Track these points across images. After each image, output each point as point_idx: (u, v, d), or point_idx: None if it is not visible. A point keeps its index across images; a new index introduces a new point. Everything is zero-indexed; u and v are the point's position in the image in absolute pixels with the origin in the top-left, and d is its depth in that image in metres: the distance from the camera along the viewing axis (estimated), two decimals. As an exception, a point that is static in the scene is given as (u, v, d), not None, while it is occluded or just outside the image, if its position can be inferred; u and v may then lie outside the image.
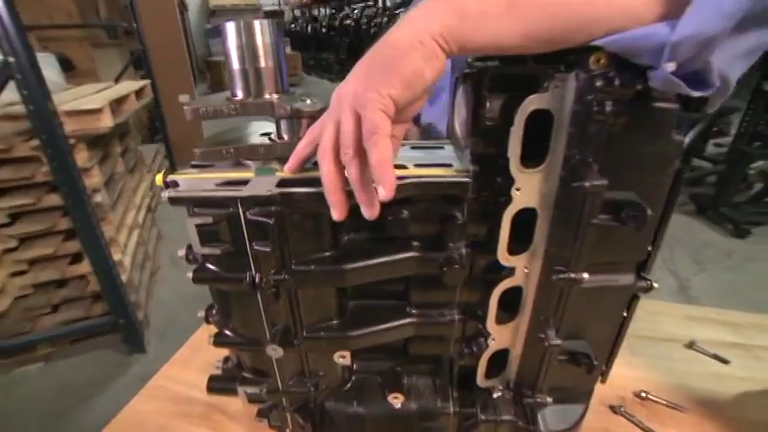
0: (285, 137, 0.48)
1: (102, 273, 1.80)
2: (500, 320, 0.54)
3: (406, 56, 0.35)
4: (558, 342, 0.51)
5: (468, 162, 0.46)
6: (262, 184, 0.44)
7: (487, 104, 0.41)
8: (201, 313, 0.57)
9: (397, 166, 0.48)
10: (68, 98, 1.90)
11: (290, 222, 0.45)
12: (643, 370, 0.82)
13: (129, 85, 2.32)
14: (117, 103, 2.00)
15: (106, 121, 1.77)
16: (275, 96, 0.47)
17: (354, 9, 5.82)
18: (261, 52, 0.45)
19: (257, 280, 0.46)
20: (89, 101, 1.82)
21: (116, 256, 1.91)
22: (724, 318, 0.97)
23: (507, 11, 0.34)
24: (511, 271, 0.50)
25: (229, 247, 0.45)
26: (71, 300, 1.93)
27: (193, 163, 0.52)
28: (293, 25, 9.62)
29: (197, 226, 0.44)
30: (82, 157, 1.75)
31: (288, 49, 8.63)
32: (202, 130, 4.13)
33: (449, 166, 0.49)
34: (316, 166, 0.46)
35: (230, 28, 0.44)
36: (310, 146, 0.44)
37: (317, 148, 0.45)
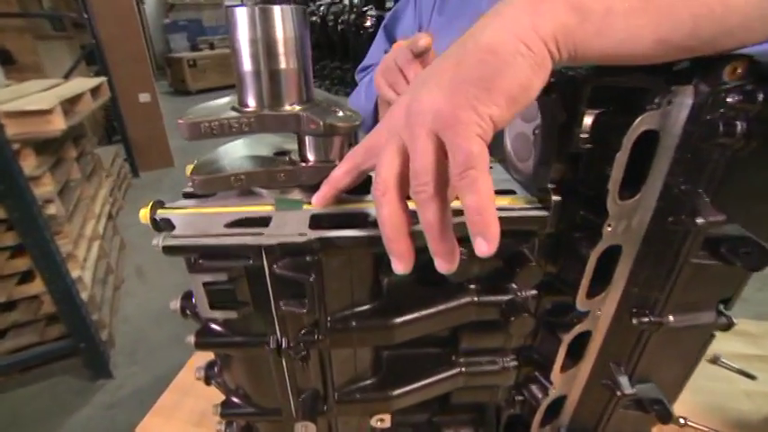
0: (311, 158, 0.38)
1: (58, 292, 1.61)
2: (561, 368, 0.46)
3: (511, 64, 0.26)
4: (633, 391, 0.44)
5: (540, 188, 0.38)
6: (289, 223, 0.34)
7: (584, 123, 0.32)
8: (201, 373, 0.45)
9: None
10: (9, 96, 1.68)
11: (328, 272, 0.34)
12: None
13: (82, 83, 2.10)
14: (70, 103, 1.80)
15: (57, 124, 1.58)
16: (298, 107, 0.36)
17: (320, 5, 5.61)
18: (282, 49, 0.34)
19: (284, 345, 0.36)
20: (36, 100, 1.61)
21: (74, 273, 1.72)
22: (738, 327, 0.95)
23: (642, 7, 0.26)
24: (582, 315, 0.42)
25: (249, 309, 0.34)
26: (21, 324, 1.71)
27: (186, 191, 0.41)
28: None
29: (206, 285, 0.32)
30: (29, 163, 1.54)
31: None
32: (166, 132, 3.89)
33: (511, 193, 0.41)
34: (350, 194, 0.36)
35: (240, 15, 0.33)
36: (351, 174, 0.34)
37: (358, 176, 0.35)
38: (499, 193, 0.40)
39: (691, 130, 0.31)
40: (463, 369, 0.47)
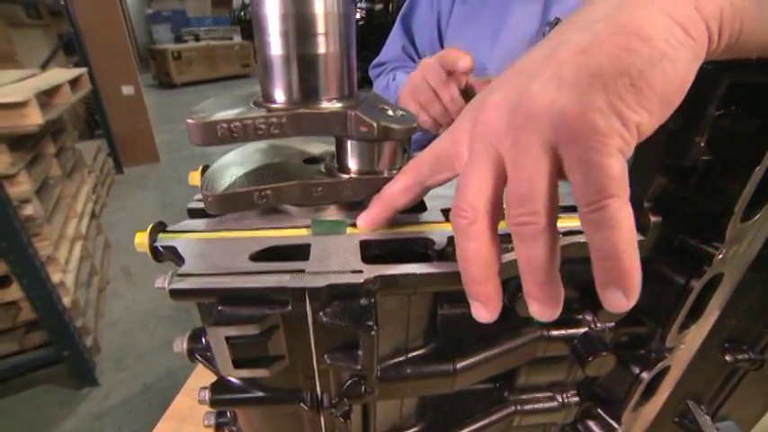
0: (354, 168, 0.30)
1: (38, 298, 1.51)
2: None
3: (668, 54, 0.19)
4: (715, 433, 0.39)
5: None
6: (334, 254, 0.27)
7: (708, 130, 0.26)
8: (211, 420, 0.38)
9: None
10: (-19, 88, 1.55)
11: (382, 315, 0.27)
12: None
13: (61, 74, 1.97)
14: (47, 96, 1.67)
15: (34, 118, 1.46)
16: (339, 104, 0.29)
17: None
18: (321, 28, 0.26)
19: (324, 402, 0.29)
20: (9, 92, 1.49)
21: (55, 277, 1.61)
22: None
23: None
24: (667, 350, 0.36)
25: (284, 364, 0.27)
26: (-2, 332, 1.61)
27: (192, 207, 0.33)
28: (243, 13, 8.98)
29: (231, 340, 0.25)
30: (3, 161, 1.43)
31: (238, 39, 8.09)
32: (151, 126, 3.74)
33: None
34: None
35: None
36: (412, 192, 0.27)
37: (421, 193, 0.28)
38: (575, 209, 0.34)
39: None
40: (518, 407, 0.40)
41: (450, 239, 0.28)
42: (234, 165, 0.34)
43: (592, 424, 0.44)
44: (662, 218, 0.30)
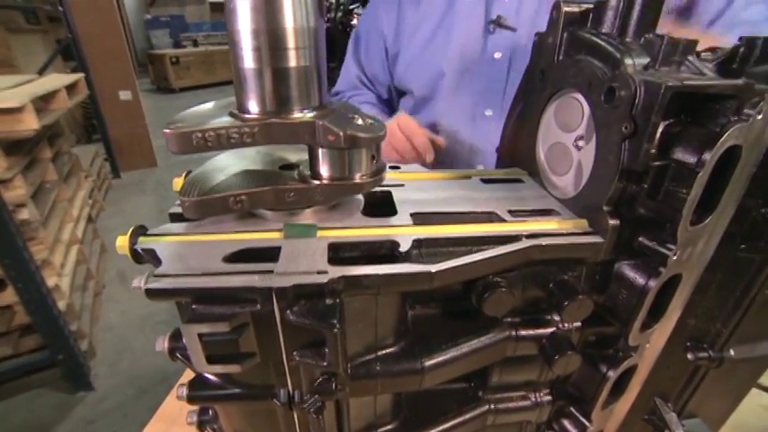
0: (326, 174, 0.32)
1: (32, 302, 1.51)
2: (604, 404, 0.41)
3: None
4: (682, 430, 0.40)
5: (584, 210, 0.33)
6: (302, 255, 0.28)
7: (657, 137, 0.27)
8: (193, 418, 0.39)
9: (488, 215, 0.34)
10: (-22, 93, 1.56)
11: (349, 313, 0.28)
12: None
13: (58, 79, 1.98)
14: (44, 101, 1.69)
15: (30, 123, 1.47)
16: (310, 114, 0.30)
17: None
18: (291, 42, 0.28)
19: (296, 398, 0.30)
20: (5, 97, 1.50)
21: (51, 281, 1.62)
22: None
23: None
24: (632, 349, 0.37)
25: (255, 361, 0.28)
26: (-8, 336, 1.61)
27: (174, 212, 0.35)
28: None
29: (202, 336, 0.26)
30: (-1, 165, 1.44)
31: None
32: (148, 131, 3.75)
33: (551, 213, 0.35)
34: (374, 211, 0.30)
35: (241, 3, 0.27)
36: None
37: None
38: (539, 213, 0.35)
39: (776, 145, 0.27)
40: (492, 406, 0.42)
41: (415, 242, 0.29)
42: (214, 171, 0.35)
43: (566, 422, 0.45)
44: (620, 221, 0.31)
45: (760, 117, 0.26)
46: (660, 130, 0.28)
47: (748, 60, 0.28)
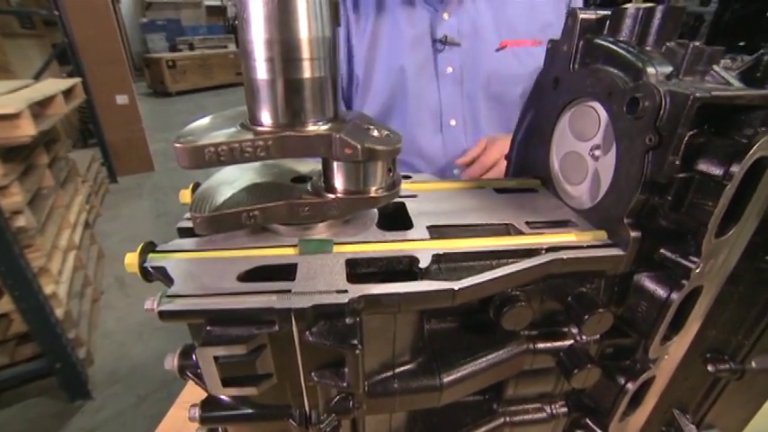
0: (341, 188, 0.31)
1: (29, 310, 1.50)
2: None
3: None
4: (701, 443, 0.39)
5: (602, 221, 0.32)
6: (320, 273, 0.27)
7: (682, 148, 0.26)
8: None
9: (505, 228, 0.33)
10: (-27, 99, 1.55)
11: (368, 332, 0.28)
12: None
13: (54, 84, 1.96)
14: (40, 107, 1.67)
15: (26, 129, 1.46)
16: (325, 126, 0.29)
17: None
18: (306, 53, 0.27)
19: (312, 419, 0.29)
20: (2, 103, 1.49)
21: (48, 288, 1.60)
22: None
23: None
24: (651, 361, 0.36)
25: (272, 382, 0.27)
26: (-11, 345, 1.59)
27: (182, 226, 0.34)
28: (237, 22, 9.01)
29: (219, 359, 0.25)
30: (-5, 172, 1.42)
31: (233, 47, 8.11)
32: (145, 135, 3.73)
33: (570, 224, 0.35)
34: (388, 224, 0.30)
35: (255, 6, 0.26)
36: None
37: None
38: (556, 225, 0.34)
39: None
40: (508, 419, 0.41)
41: (435, 257, 0.29)
42: (223, 184, 0.35)
43: (581, 434, 0.44)
44: (641, 233, 0.31)
45: (787, 127, 0.25)
46: (685, 140, 0.28)
47: (772, 69, 0.28)
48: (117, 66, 3.42)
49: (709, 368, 0.36)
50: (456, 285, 0.26)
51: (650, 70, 0.29)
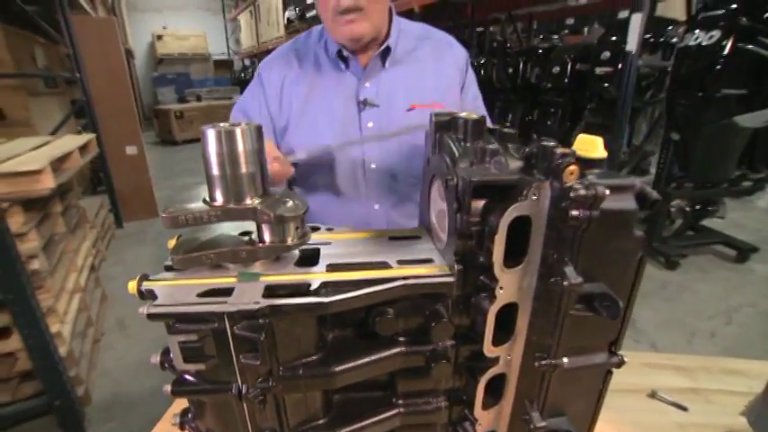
0: (267, 239, 0.48)
1: (36, 348, 1.61)
2: (485, 406, 0.54)
3: None
4: (544, 424, 0.53)
5: (449, 258, 0.48)
6: (247, 293, 0.43)
7: (471, 212, 0.43)
8: (177, 419, 0.52)
9: (381, 264, 0.49)
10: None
11: (279, 331, 0.43)
12: (615, 425, 0.85)
13: (72, 141, 2.20)
14: (59, 161, 1.88)
15: (47, 183, 1.65)
16: (256, 201, 0.47)
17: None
18: (242, 159, 0.45)
19: (244, 391, 0.44)
20: (26, 161, 1.69)
21: (54, 327, 1.72)
22: (676, 363, 1.04)
23: None
24: (494, 359, 0.51)
25: (214, 361, 0.43)
26: (-7, 383, 1.69)
27: (167, 264, 0.50)
28: (243, 74, 9.64)
29: (180, 343, 0.41)
30: (16, 221, 1.60)
31: (237, 98, 8.60)
32: (151, 183, 3.96)
33: (429, 261, 0.51)
34: (304, 263, 0.45)
35: (210, 135, 0.44)
36: None
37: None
38: (420, 262, 0.50)
39: (553, 215, 0.43)
40: (401, 409, 0.55)
41: (323, 284, 0.45)
42: (195, 236, 0.51)
43: (466, 424, 0.58)
44: (463, 266, 0.46)
45: (535, 198, 0.42)
46: (481, 205, 0.44)
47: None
48: (128, 119, 3.70)
49: (536, 364, 0.50)
50: (326, 299, 0.41)
51: (460, 162, 0.46)
